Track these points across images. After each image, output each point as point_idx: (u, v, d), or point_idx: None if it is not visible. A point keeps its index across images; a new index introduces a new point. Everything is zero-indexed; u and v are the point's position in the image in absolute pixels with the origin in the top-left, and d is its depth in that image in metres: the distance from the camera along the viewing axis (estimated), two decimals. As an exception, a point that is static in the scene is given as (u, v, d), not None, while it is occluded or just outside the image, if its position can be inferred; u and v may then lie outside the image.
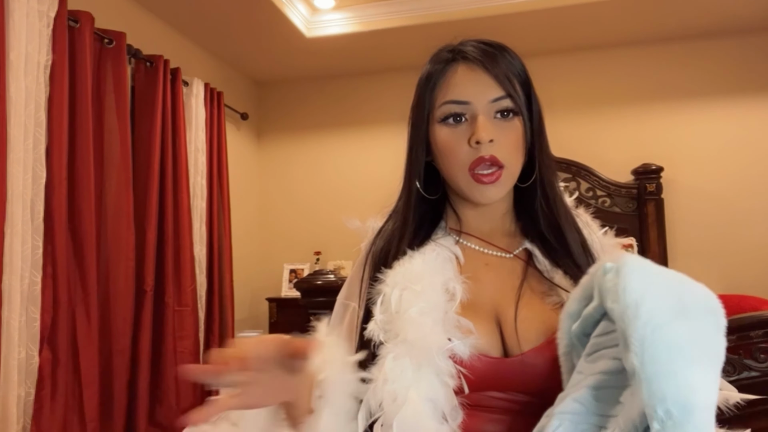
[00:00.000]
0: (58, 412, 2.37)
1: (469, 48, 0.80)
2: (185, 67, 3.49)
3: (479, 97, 0.77)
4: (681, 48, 3.85)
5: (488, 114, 0.77)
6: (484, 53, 0.78)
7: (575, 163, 3.81)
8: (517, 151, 0.78)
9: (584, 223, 0.86)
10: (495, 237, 0.84)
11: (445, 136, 0.78)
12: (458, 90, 0.78)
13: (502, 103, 0.77)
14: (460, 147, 0.77)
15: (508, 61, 0.79)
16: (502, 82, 0.77)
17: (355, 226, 0.91)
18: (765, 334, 1.38)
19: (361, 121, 4.40)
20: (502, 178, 0.77)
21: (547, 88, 3.93)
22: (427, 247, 0.81)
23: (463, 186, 0.78)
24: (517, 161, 0.79)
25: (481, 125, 0.75)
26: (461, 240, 0.84)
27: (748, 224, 3.66)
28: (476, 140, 0.75)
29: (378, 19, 3.64)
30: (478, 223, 0.85)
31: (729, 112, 3.76)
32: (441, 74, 0.81)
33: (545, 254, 0.81)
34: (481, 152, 0.75)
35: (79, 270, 2.54)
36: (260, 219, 4.57)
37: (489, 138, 0.74)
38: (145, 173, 3.01)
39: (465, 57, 0.79)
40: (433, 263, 0.77)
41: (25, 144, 2.25)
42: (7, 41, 2.20)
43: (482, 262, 0.82)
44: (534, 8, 3.38)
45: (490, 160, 0.75)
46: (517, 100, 0.77)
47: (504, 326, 0.75)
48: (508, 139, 0.77)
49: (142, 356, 2.89)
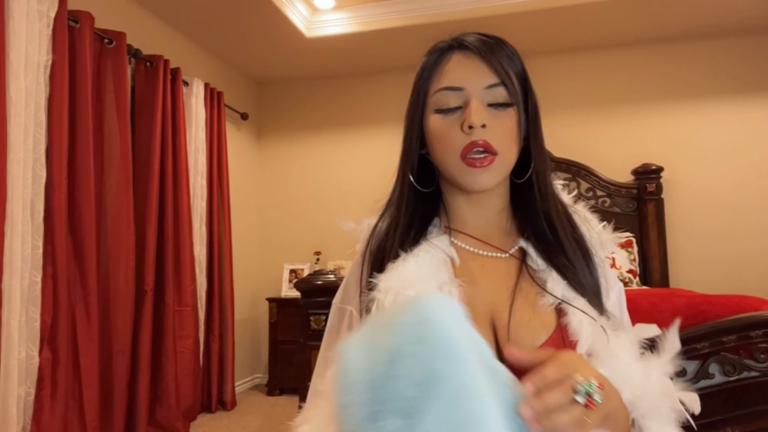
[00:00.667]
0: (58, 412, 2.37)
1: (466, 37, 0.79)
2: (185, 67, 3.49)
3: (473, 83, 0.75)
4: (681, 48, 3.85)
5: (482, 100, 0.75)
6: (481, 42, 0.77)
7: (575, 163, 3.81)
8: (511, 140, 0.76)
9: (583, 219, 0.84)
10: (491, 235, 0.83)
11: (438, 123, 0.77)
12: (452, 76, 0.77)
13: (496, 90, 0.75)
14: (452, 133, 0.75)
15: (505, 53, 0.77)
16: (497, 70, 0.75)
17: (350, 228, 0.89)
18: (765, 334, 1.38)
19: (361, 120, 4.40)
20: (495, 164, 0.74)
21: (548, 88, 3.96)
22: (421, 247, 0.79)
23: (455, 172, 0.77)
24: (510, 150, 0.76)
25: (474, 109, 0.73)
26: (456, 240, 0.82)
27: (749, 224, 3.67)
28: (468, 125, 0.73)
29: (378, 19, 3.64)
30: (474, 220, 0.83)
31: (729, 111, 3.76)
32: (435, 63, 0.79)
33: (539, 252, 0.79)
34: (474, 137, 0.73)
35: (79, 270, 2.55)
36: (260, 219, 4.57)
37: (481, 122, 0.73)
38: (145, 173, 3.01)
39: (461, 45, 0.78)
40: (427, 266, 0.76)
41: (25, 144, 2.25)
42: (7, 41, 2.20)
43: (478, 263, 0.80)
44: (534, 8, 3.38)
45: (483, 145, 0.73)
46: (512, 90, 0.75)
47: (498, 330, 0.74)
48: (502, 127, 0.75)
49: (142, 356, 2.89)
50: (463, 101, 0.76)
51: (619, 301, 0.82)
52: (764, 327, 1.37)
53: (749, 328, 1.38)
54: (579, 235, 0.81)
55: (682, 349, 1.39)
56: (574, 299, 0.73)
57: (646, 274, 3.66)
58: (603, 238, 0.84)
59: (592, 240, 0.82)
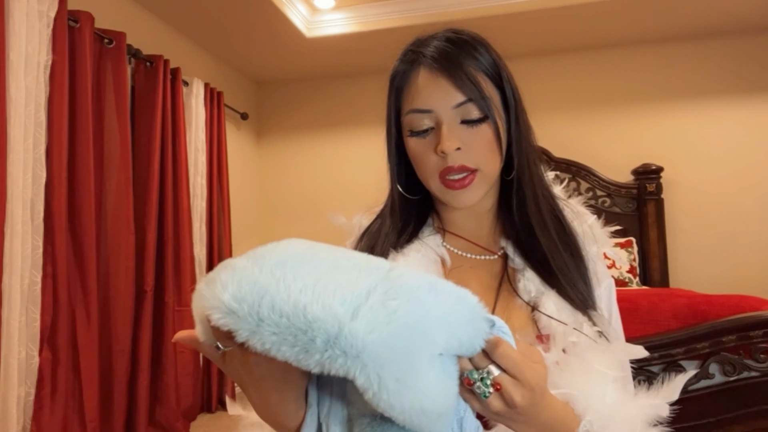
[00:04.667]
0: (58, 412, 2.37)
1: (430, 49, 0.76)
2: (185, 67, 3.49)
3: (441, 104, 0.73)
4: (681, 48, 3.85)
5: (453, 120, 0.74)
6: (443, 55, 0.74)
7: (575, 163, 3.81)
8: (490, 153, 0.75)
9: (575, 213, 0.84)
10: (481, 235, 0.83)
11: (414, 146, 0.77)
12: (420, 97, 0.75)
13: (465, 108, 0.73)
14: (428, 157, 0.75)
15: (472, 59, 0.74)
16: (463, 87, 0.72)
17: (341, 223, 0.90)
18: (765, 334, 1.38)
19: (361, 120, 4.40)
20: (475, 182, 0.74)
21: (548, 88, 3.95)
22: (411, 246, 0.79)
23: (437, 192, 0.77)
24: (491, 162, 0.75)
25: (445, 135, 0.72)
26: (446, 243, 0.83)
27: (748, 224, 3.67)
28: (441, 150, 0.72)
29: (378, 19, 3.64)
30: (462, 222, 0.84)
31: (729, 112, 3.76)
32: (404, 79, 0.79)
33: (519, 253, 0.79)
34: (448, 162, 0.73)
35: (79, 270, 2.54)
36: (260, 219, 4.57)
37: (454, 147, 0.72)
38: (145, 173, 3.01)
39: (426, 59, 0.75)
40: (416, 267, 0.76)
41: (25, 144, 2.25)
42: (7, 41, 2.20)
43: (467, 264, 0.81)
44: (533, 8, 3.38)
45: (459, 170, 0.73)
46: (481, 104, 0.73)
47: None
48: (478, 143, 0.74)
49: (142, 356, 2.89)
50: (435, 122, 0.75)
51: (608, 297, 0.81)
52: (764, 327, 1.37)
53: (749, 328, 1.38)
54: (568, 230, 0.80)
55: (682, 349, 1.40)
56: (547, 296, 0.73)
57: (646, 274, 3.66)
58: (596, 231, 0.84)
59: (585, 235, 0.82)
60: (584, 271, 0.78)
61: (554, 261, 0.76)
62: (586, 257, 0.79)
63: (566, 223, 0.81)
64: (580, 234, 0.81)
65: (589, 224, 0.84)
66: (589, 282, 0.77)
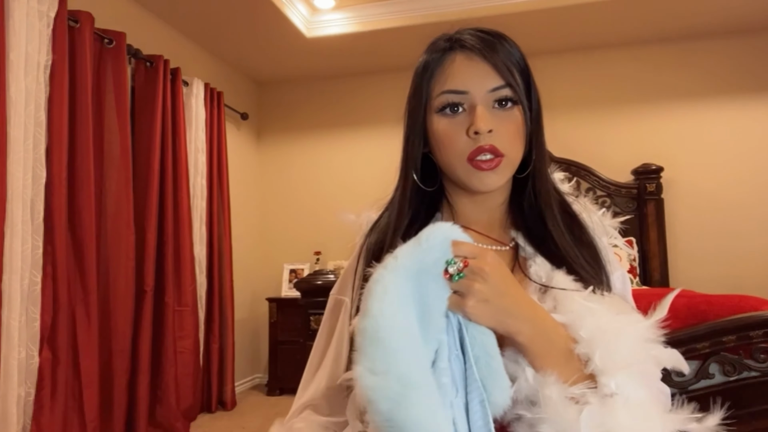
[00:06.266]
0: (58, 412, 2.37)
1: (466, 36, 0.78)
2: (185, 67, 3.49)
3: (478, 87, 0.75)
4: (681, 48, 3.85)
5: (487, 103, 0.75)
6: (482, 41, 0.77)
7: (575, 163, 3.81)
8: (517, 140, 0.77)
9: (583, 207, 0.86)
10: (492, 228, 0.84)
11: (444, 126, 0.77)
12: (456, 79, 0.76)
13: (501, 92, 0.75)
14: (458, 137, 0.76)
15: (506, 49, 0.78)
16: (501, 71, 0.75)
17: (350, 221, 0.90)
18: (765, 334, 1.37)
19: (361, 120, 4.40)
20: (502, 166, 0.75)
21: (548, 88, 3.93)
22: None
23: (461, 175, 0.77)
24: (516, 150, 0.77)
25: (480, 115, 0.74)
26: None
27: (748, 224, 3.66)
28: (475, 130, 0.74)
29: (378, 19, 3.64)
30: (475, 215, 0.84)
31: (729, 112, 3.76)
32: (438, 63, 0.79)
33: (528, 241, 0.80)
34: (480, 142, 0.74)
35: (79, 270, 2.54)
36: (260, 219, 4.57)
37: (488, 128, 0.73)
38: (145, 173, 3.01)
39: (463, 46, 0.77)
40: None
41: (25, 144, 2.25)
42: (7, 41, 2.20)
43: None
44: (534, 8, 3.39)
45: (490, 150, 0.74)
46: (517, 89, 0.76)
47: None
48: (508, 129, 0.76)
49: (142, 356, 2.89)
50: (468, 104, 0.76)
51: (622, 287, 0.82)
52: (764, 327, 1.37)
53: (749, 328, 1.38)
54: (578, 222, 0.82)
55: (682, 349, 1.39)
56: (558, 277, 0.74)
57: (646, 274, 3.66)
58: (605, 223, 0.86)
59: (595, 227, 0.83)
60: (597, 259, 0.79)
61: (565, 250, 0.77)
62: (597, 246, 0.81)
63: (575, 214, 0.83)
64: (590, 225, 0.83)
65: (598, 215, 0.86)
66: (604, 267, 0.79)
